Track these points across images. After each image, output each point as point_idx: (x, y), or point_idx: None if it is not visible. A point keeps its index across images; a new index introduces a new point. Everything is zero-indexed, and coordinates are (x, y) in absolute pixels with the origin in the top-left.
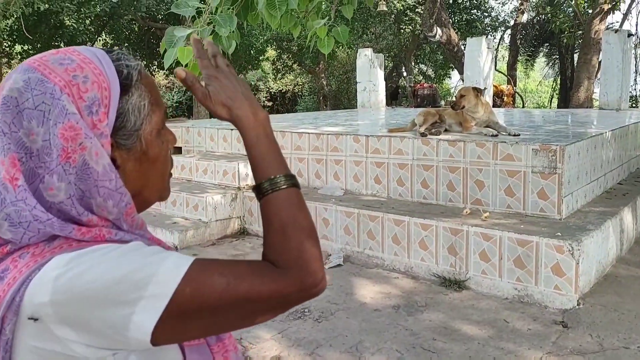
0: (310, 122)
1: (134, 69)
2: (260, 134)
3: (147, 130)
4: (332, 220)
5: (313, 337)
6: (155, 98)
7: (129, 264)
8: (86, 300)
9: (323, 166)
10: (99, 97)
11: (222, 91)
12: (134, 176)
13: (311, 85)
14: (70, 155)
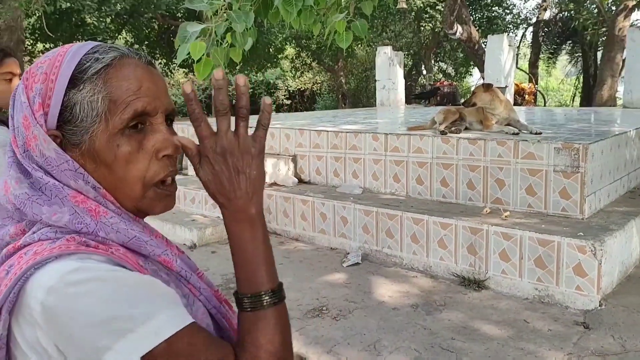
0: (329, 120)
1: (100, 61)
2: (247, 236)
3: (99, 129)
4: (351, 219)
5: (331, 335)
6: (123, 95)
7: (115, 309)
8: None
9: (342, 164)
10: (42, 88)
11: (213, 181)
12: (93, 176)
13: (330, 84)
14: (30, 142)
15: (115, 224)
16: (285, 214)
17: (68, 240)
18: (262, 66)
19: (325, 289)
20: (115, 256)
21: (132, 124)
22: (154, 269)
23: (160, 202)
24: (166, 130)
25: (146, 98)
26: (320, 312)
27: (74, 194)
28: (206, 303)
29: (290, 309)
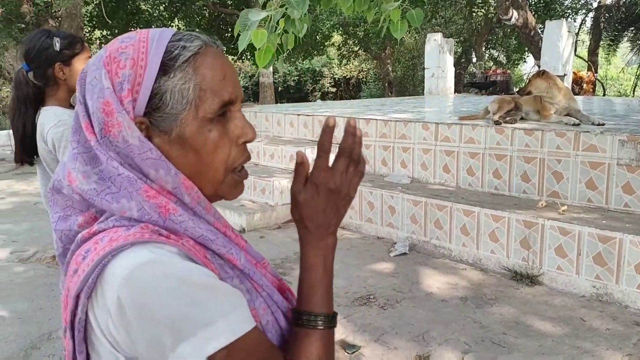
0: (377, 108)
1: (188, 50)
2: (318, 262)
3: (189, 116)
4: (398, 209)
5: (379, 324)
6: (212, 84)
7: (180, 309)
8: (134, 319)
9: (390, 153)
10: (131, 74)
11: (310, 206)
12: (177, 162)
13: (376, 72)
14: (110, 129)
15: (183, 222)
16: None
17: (142, 228)
18: (309, 53)
19: (372, 277)
20: (186, 248)
21: (219, 112)
22: (220, 263)
23: (235, 188)
24: (243, 117)
25: (230, 88)
26: (368, 300)
27: (146, 187)
28: (268, 300)
29: (338, 296)
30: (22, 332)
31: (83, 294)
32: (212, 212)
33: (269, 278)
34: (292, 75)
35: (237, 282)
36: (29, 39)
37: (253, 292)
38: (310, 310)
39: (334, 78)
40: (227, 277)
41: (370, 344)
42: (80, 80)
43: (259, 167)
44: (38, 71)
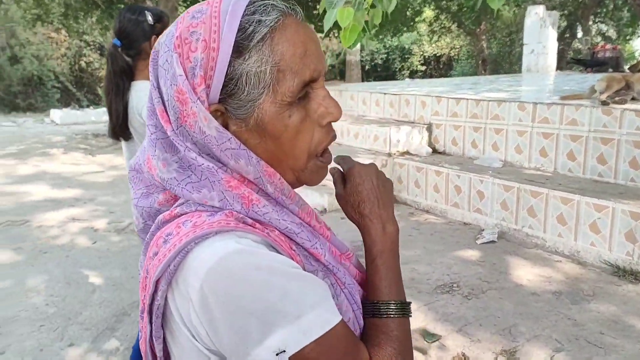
0: (469, 87)
1: (264, 25)
2: (385, 249)
3: (267, 102)
4: (488, 194)
5: (462, 314)
6: (291, 63)
7: (269, 301)
8: (220, 310)
9: (481, 135)
10: (203, 59)
11: (359, 193)
12: (256, 150)
13: (469, 49)
14: (186, 119)
15: (267, 214)
16: (416, 185)
17: (227, 216)
18: (398, 30)
19: (456, 265)
20: (271, 238)
21: (300, 93)
22: (305, 255)
23: (318, 174)
24: (327, 94)
25: (312, 64)
26: (451, 288)
27: (228, 178)
28: (349, 297)
29: (419, 282)
30: (115, 298)
31: (164, 280)
32: (296, 200)
33: (352, 271)
34: (380, 53)
35: (321, 275)
36: (122, 16)
37: (337, 287)
38: (382, 298)
39: (423, 56)
40: (312, 270)
41: (451, 334)
42: (152, 61)
43: (342, 147)
44: (133, 45)
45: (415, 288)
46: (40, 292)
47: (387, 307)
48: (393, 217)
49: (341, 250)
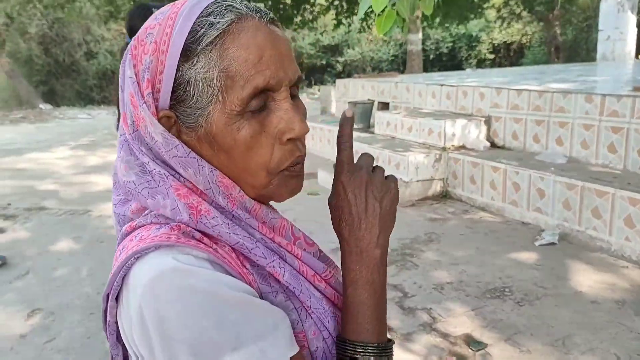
0: (534, 77)
1: (215, 28)
2: (359, 279)
3: (216, 111)
4: (549, 192)
5: (512, 321)
6: (242, 69)
7: (202, 329)
8: (153, 332)
9: (544, 129)
10: (152, 61)
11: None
12: (210, 161)
13: (541, 35)
14: (138, 123)
15: (216, 227)
16: (472, 181)
17: (172, 229)
18: (464, 17)
19: (510, 267)
20: (219, 255)
21: (253, 104)
22: (261, 274)
23: (286, 187)
24: (291, 107)
25: (268, 71)
26: (502, 293)
27: (177, 185)
28: (319, 323)
29: (468, 285)
30: None
31: (110, 296)
32: (261, 213)
33: (328, 293)
34: (446, 41)
35: (282, 297)
36: (132, 14)
37: (302, 311)
38: (354, 338)
39: (492, 43)
40: (269, 292)
41: (499, 343)
42: (122, 63)
43: (396, 141)
44: None
45: (462, 291)
46: (93, 280)
47: (353, 348)
48: (381, 241)
49: (316, 270)
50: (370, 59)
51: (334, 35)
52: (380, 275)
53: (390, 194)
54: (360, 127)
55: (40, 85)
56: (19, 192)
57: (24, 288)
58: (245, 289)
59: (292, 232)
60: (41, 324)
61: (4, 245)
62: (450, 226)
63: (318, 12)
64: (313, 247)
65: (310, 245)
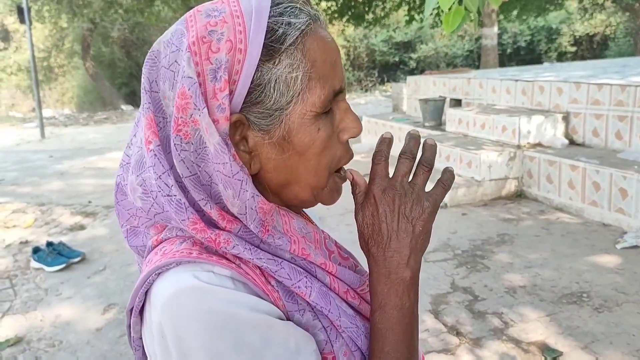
0: (617, 70)
1: (295, 27)
2: (387, 303)
3: (295, 112)
4: (632, 192)
5: (589, 329)
6: (322, 71)
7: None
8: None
9: (627, 125)
10: (228, 61)
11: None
12: (273, 165)
13: (627, 26)
14: (181, 128)
15: (239, 254)
16: (548, 180)
17: (194, 244)
18: (543, 9)
19: (589, 272)
20: (242, 272)
21: (329, 105)
22: (288, 291)
23: (337, 192)
24: (349, 108)
25: (340, 73)
26: (579, 298)
27: (195, 219)
28: (350, 344)
29: (542, 289)
30: None
31: (133, 311)
32: (292, 229)
33: (364, 310)
34: (524, 34)
35: (309, 316)
36: None
37: (332, 330)
38: None
39: (574, 36)
40: (296, 310)
41: (575, 351)
42: (150, 60)
43: (468, 139)
44: None
45: (537, 295)
46: None
47: None
48: (412, 262)
49: (351, 285)
50: (445, 55)
51: (406, 31)
52: (410, 300)
53: (425, 214)
54: (432, 124)
55: (123, 87)
56: (99, 190)
57: (101, 283)
58: (268, 309)
59: (326, 245)
60: (116, 318)
61: (83, 242)
62: (525, 227)
63: (390, 9)
64: (348, 261)
65: (345, 259)
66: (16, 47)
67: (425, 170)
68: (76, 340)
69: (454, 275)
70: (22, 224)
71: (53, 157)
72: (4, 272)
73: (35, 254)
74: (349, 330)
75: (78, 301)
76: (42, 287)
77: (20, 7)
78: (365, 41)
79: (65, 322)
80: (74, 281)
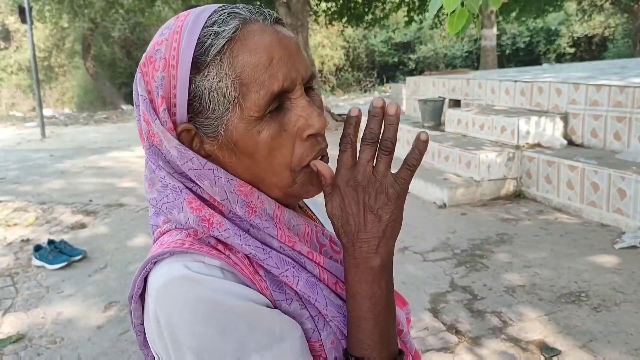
0: (616, 71)
1: (221, 37)
2: (358, 292)
3: (234, 118)
4: (630, 192)
5: (587, 327)
6: (254, 75)
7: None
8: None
9: (625, 126)
10: (164, 77)
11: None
12: (233, 168)
13: (625, 27)
14: (152, 138)
15: (228, 238)
16: (547, 180)
17: (188, 235)
18: (542, 11)
19: (587, 271)
20: (231, 261)
21: (270, 107)
22: (276, 281)
23: (310, 185)
24: (307, 104)
25: (280, 73)
26: (578, 298)
27: (190, 198)
28: (338, 333)
29: (541, 289)
30: None
31: (133, 297)
32: (283, 219)
33: None
34: (523, 36)
35: (297, 305)
36: None
37: (319, 319)
38: (355, 354)
39: (572, 37)
40: (283, 299)
41: (573, 350)
42: (135, 81)
43: (467, 139)
44: None
45: (535, 295)
46: None
47: None
48: (381, 250)
49: (340, 277)
50: (444, 56)
51: (405, 32)
52: (381, 289)
53: (391, 202)
54: (431, 125)
55: (123, 87)
56: (100, 189)
57: (101, 281)
58: (255, 298)
59: (317, 239)
60: (117, 316)
61: (84, 240)
62: (523, 227)
63: (389, 10)
64: (340, 254)
65: (336, 252)
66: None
67: (385, 155)
68: (77, 337)
69: (453, 275)
70: (24, 223)
71: (54, 156)
72: (6, 270)
73: (37, 252)
74: (336, 320)
75: (79, 299)
76: (43, 284)
77: (21, 6)
78: (365, 42)
79: (66, 319)
80: (75, 279)
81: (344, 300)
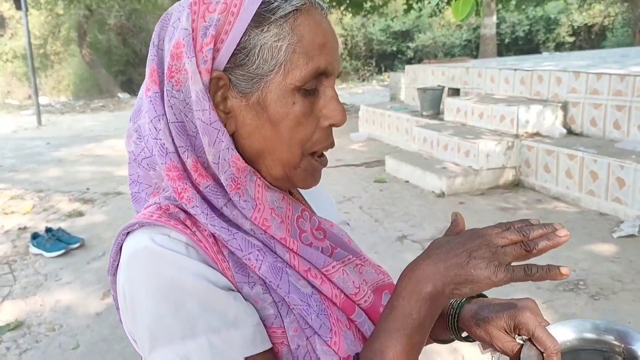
0: (616, 60)
1: (290, 3)
2: (400, 304)
3: (275, 81)
4: (629, 181)
5: (585, 316)
6: (308, 48)
7: (158, 312)
8: (132, 308)
9: (625, 114)
10: (219, 20)
11: (445, 240)
12: (248, 131)
13: (625, 17)
14: (173, 75)
15: (195, 216)
16: (546, 169)
17: (159, 208)
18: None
19: (585, 260)
20: (196, 238)
21: (309, 83)
22: (240, 263)
23: (313, 175)
24: (335, 96)
25: (329, 57)
26: (576, 286)
27: (170, 165)
28: (301, 321)
29: None
30: None
31: (110, 271)
32: (263, 200)
33: (326, 290)
34: (522, 24)
35: (259, 289)
36: None
37: (283, 305)
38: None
39: (572, 26)
40: (245, 282)
41: None
42: (162, 21)
43: (466, 128)
44: None
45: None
46: None
47: None
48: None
49: (315, 264)
50: (443, 44)
51: (404, 20)
52: (420, 315)
53: (482, 266)
54: (430, 113)
55: (119, 75)
56: (97, 177)
57: (99, 269)
58: (214, 279)
59: (298, 224)
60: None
61: (82, 228)
62: (522, 216)
63: None
64: (323, 242)
65: (319, 240)
66: (12, 34)
67: (521, 246)
68: (76, 324)
69: None
70: (21, 210)
71: (50, 144)
72: (3, 258)
73: (35, 239)
74: (299, 308)
75: (77, 286)
76: (41, 272)
77: None
78: (363, 30)
79: (65, 306)
80: (73, 267)
81: (316, 289)
